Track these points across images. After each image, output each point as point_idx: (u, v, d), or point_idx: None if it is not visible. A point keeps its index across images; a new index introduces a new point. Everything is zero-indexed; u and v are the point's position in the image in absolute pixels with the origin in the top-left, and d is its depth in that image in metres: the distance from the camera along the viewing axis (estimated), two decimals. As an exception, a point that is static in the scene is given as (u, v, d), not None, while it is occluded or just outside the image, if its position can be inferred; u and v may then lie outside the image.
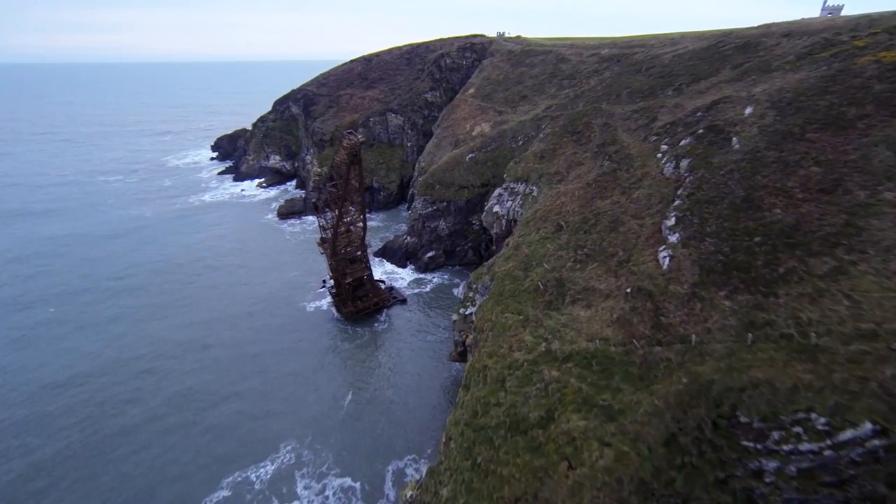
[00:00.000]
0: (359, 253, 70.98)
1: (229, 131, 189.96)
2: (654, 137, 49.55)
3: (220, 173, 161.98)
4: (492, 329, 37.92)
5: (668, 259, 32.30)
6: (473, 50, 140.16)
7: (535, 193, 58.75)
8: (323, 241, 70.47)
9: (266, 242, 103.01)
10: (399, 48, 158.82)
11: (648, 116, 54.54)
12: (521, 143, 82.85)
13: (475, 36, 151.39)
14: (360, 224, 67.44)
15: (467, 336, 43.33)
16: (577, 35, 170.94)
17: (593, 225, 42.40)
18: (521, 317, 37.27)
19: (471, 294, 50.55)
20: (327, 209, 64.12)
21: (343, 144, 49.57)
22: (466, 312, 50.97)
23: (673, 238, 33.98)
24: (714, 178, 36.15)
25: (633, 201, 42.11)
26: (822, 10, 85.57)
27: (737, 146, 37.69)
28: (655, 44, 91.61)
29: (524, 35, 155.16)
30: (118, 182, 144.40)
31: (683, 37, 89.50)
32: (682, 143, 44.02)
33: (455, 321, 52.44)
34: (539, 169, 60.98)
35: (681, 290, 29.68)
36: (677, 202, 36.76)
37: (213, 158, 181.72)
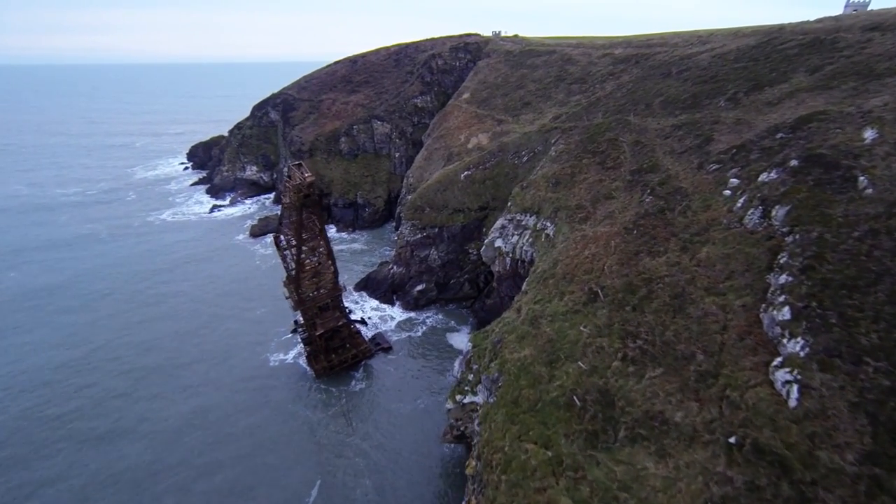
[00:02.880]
0: (330, 300, 57.75)
1: (205, 138, 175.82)
2: (715, 166, 36.90)
3: (192, 185, 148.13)
4: (505, 469, 25.02)
5: (796, 390, 19.59)
6: (468, 50, 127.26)
7: (550, 232, 45.96)
8: (290, 281, 57.30)
9: (233, 269, 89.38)
10: (387, 48, 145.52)
11: (699, 135, 41.92)
12: (525, 159, 70.15)
13: (469, 35, 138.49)
14: (331, 267, 54.35)
15: (470, 462, 30.32)
16: (578, 34, 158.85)
17: (645, 298, 29.61)
18: (549, 453, 24.40)
19: (470, 377, 37.66)
20: (288, 249, 51.14)
21: (288, 184, 36.64)
22: (464, 401, 38.10)
23: (793, 346, 21.29)
24: (844, 244, 23.56)
25: (701, 264, 29.39)
26: (846, 6, 75.05)
27: (869, 190, 25.17)
28: (679, 42, 79.33)
29: (522, 34, 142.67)
30: (76, 197, 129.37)
31: (712, 34, 77.32)
32: (764, 177, 31.41)
33: (449, 410, 39.51)
34: (554, 199, 48.20)
35: (842, 464, 16.99)
36: (784, 278, 24.09)
37: (186, 168, 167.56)
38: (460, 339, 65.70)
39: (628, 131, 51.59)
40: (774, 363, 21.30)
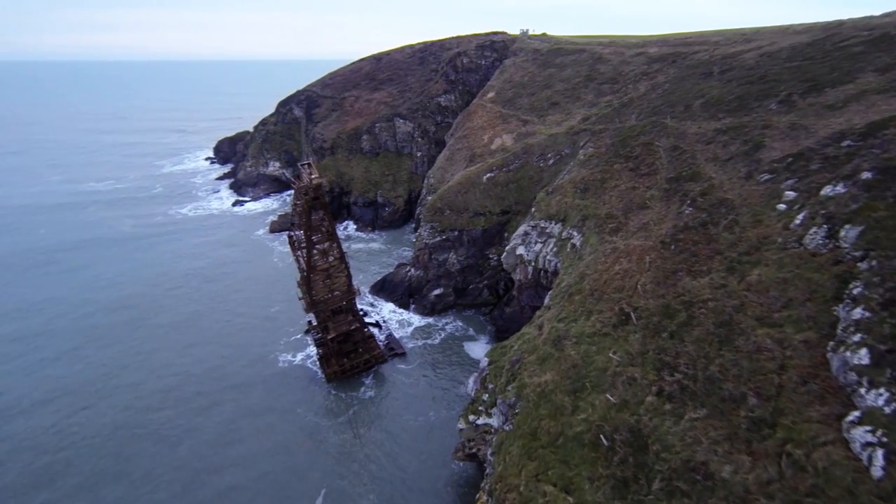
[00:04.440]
0: (344, 303, 55.94)
1: (231, 134, 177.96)
2: (766, 176, 33.00)
3: (217, 179, 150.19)
4: (520, 513, 22.25)
5: (881, 456, 16.10)
6: (494, 48, 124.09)
7: (576, 242, 42.68)
8: (303, 282, 55.80)
9: (250, 265, 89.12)
10: (412, 46, 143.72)
11: (747, 141, 37.92)
12: (551, 162, 66.73)
13: (496, 33, 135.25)
14: (344, 270, 52.48)
15: (480, 497, 27.61)
16: (609, 33, 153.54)
17: (685, 324, 26.23)
18: (570, 499, 21.49)
19: (485, 397, 34.94)
20: (299, 249, 49.46)
21: (295, 186, 34.72)
22: (478, 422, 35.43)
23: (875, 399, 17.73)
24: (936, 276, 19.79)
25: (751, 288, 25.82)
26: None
27: (966, 213, 21.27)
28: (721, 40, 74.35)
29: (550, 33, 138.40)
30: (107, 193, 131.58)
31: (758, 32, 72.19)
32: (829, 191, 27.54)
33: (462, 430, 36.92)
34: (582, 207, 44.86)
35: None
36: (860, 313, 20.46)
37: (212, 163, 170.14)
38: (478, 349, 62.95)
39: (665, 135, 47.74)
40: (850, 418, 17.80)
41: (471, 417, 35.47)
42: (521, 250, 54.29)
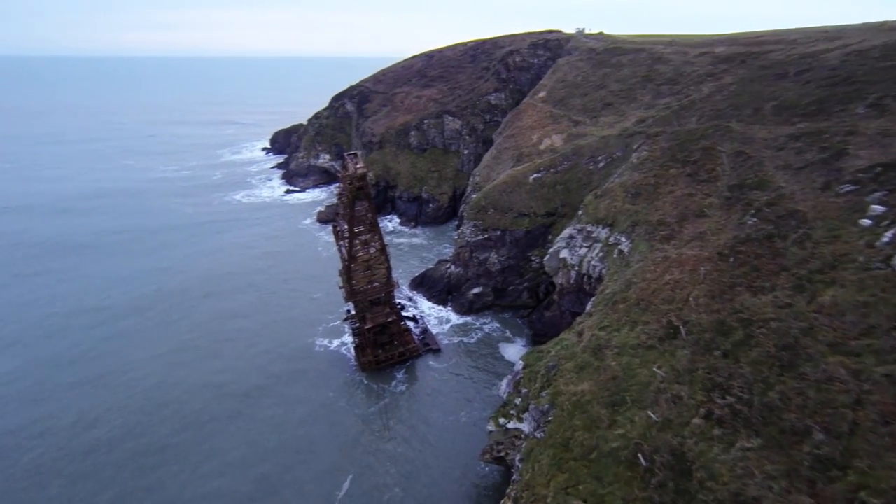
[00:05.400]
0: (382, 295, 56.58)
1: (287, 126, 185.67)
2: (848, 187, 29.71)
3: (271, 168, 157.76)
4: (546, 527, 21.28)
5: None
6: (547, 47, 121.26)
7: (624, 248, 40.57)
8: (345, 271, 56.99)
9: (295, 253, 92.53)
10: (464, 44, 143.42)
11: (826, 148, 34.38)
12: (602, 165, 64.10)
13: (550, 32, 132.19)
14: (384, 262, 53.00)
15: (506, 501, 26.78)
16: (672, 32, 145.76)
17: (742, 344, 24.05)
18: (602, 519, 20.27)
19: (517, 401, 33.96)
20: (342, 239, 50.46)
21: (341, 174, 35.24)
22: (508, 425, 34.51)
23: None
24: None
25: (824, 311, 23.25)
26: None
27: None
28: (798, 38, 68.40)
29: (608, 32, 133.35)
30: (172, 179, 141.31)
31: (844, 30, 65.73)
32: (925, 207, 24.32)
33: (491, 432, 36.15)
34: (632, 212, 42.59)
35: None
36: (957, 347, 17.81)
37: (268, 153, 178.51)
38: (513, 351, 61.77)
39: (729, 140, 44.36)
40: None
41: (501, 420, 34.65)
42: (564, 254, 52.51)
